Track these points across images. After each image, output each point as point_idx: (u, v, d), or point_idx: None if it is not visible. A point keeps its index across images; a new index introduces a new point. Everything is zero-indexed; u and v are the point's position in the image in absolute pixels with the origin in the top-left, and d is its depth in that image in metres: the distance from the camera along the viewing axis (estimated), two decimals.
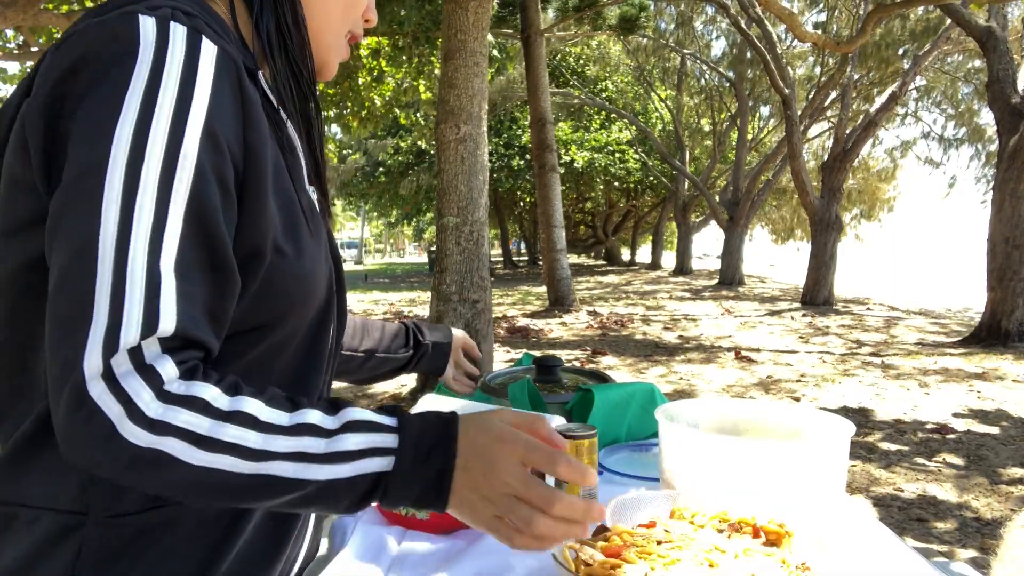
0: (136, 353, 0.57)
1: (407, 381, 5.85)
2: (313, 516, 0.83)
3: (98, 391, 0.56)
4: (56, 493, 0.67)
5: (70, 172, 0.59)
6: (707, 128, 22.53)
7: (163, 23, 0.63)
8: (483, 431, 0.63)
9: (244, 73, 0.67)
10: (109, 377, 0.56)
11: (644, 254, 32.28)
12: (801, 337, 8.43)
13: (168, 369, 0.58)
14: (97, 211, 0.57)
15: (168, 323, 0.58)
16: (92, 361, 0.56)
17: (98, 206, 0.58)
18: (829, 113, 15.54)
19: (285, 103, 0.76)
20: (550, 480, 1.07)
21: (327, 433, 0.61)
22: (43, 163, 0.62)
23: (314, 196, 0.82)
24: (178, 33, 0.63)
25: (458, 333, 1.40)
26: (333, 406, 0.64)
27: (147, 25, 0.62)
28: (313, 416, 0.62)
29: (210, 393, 0.59)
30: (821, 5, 15.11)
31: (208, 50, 0.64)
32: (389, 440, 0.62)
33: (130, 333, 0.56)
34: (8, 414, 0.69)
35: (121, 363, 0.56)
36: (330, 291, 0.81)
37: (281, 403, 0.62)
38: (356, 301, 14.09)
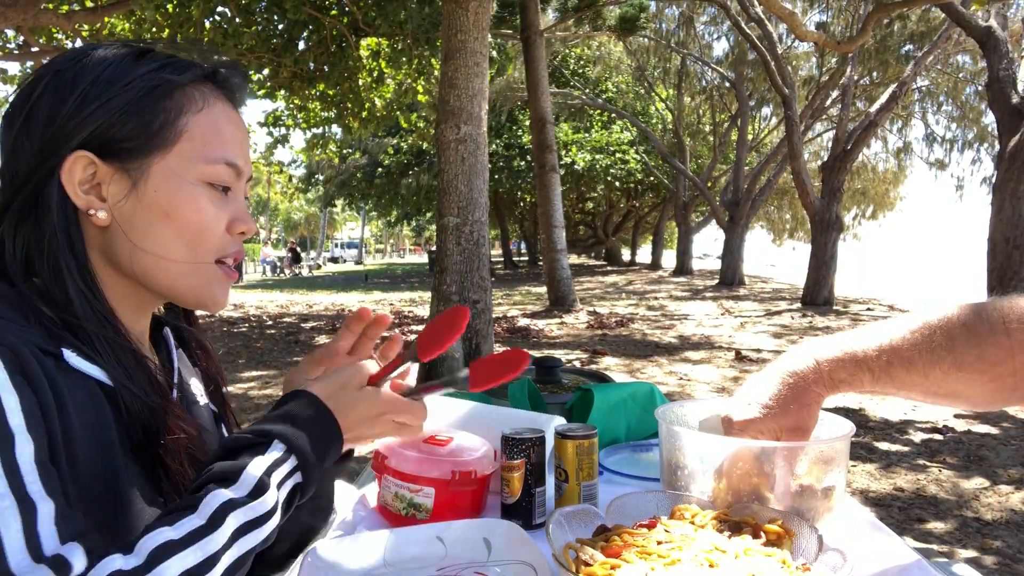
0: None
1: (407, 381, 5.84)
2: None
3: None
4: None
5: None
6: (707, 128, 22.54)
7: None
8: (350, 407, 0.77)
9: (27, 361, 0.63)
10: None
11: (644, 254, 32.30)
12: (801, 337, 8.43)
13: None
14: None
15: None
16: None
17: None
18: (832, 112, 15.53)
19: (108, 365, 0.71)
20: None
21: (244, 493, 0.64)
22: None
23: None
24: None
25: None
26: (223, 457, 0.67)
27: None
28: (220, 496, 0.62)
29: (116, 563, 0.57)
30: (823, 5, 15.11)
31: None
32: (288, 462, 0.69)
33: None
34: None
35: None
36: None
37: (180, 512, 0.61)
38: (357, 301, 14.10)
